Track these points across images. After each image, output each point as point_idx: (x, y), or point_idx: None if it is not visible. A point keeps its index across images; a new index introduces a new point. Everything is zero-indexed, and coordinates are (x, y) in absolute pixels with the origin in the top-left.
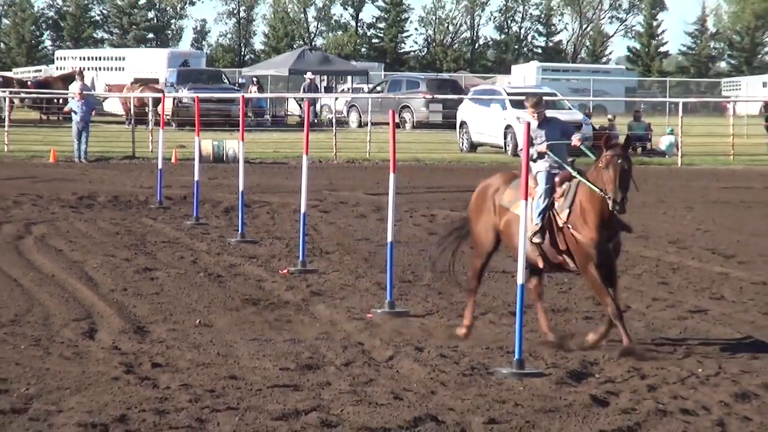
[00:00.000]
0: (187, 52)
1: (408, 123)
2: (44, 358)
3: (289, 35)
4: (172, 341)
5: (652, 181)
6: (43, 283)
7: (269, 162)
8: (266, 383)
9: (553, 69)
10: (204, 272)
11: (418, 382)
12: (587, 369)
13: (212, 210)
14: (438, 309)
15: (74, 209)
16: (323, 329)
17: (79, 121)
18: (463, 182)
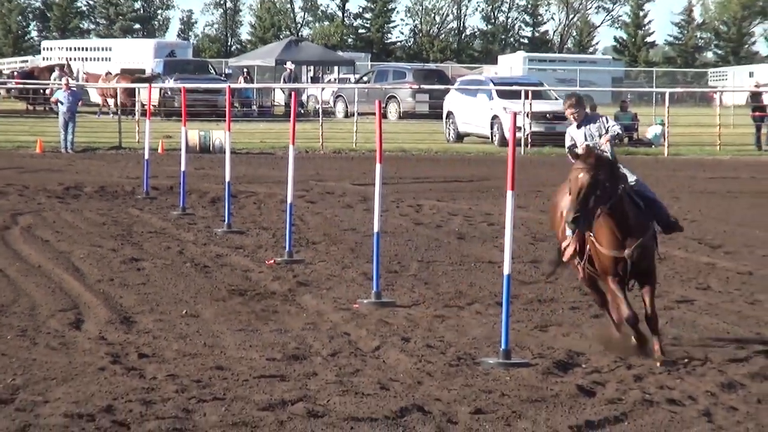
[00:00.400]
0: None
1: (394, 113)
2: (30, 349)
3: (276, 25)
4: (159, 332)
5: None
6: (29, 273)
7: (256, 152)
8: (253, 373)
9: (540, 59)
10: (190, 263)
11: (404, 372)
12: (573, 359)
13: (199, 200)
14: (424, 299)
15: (61, 200)
16: (310, 319)
17: (65, 112)
18: (449, 172)
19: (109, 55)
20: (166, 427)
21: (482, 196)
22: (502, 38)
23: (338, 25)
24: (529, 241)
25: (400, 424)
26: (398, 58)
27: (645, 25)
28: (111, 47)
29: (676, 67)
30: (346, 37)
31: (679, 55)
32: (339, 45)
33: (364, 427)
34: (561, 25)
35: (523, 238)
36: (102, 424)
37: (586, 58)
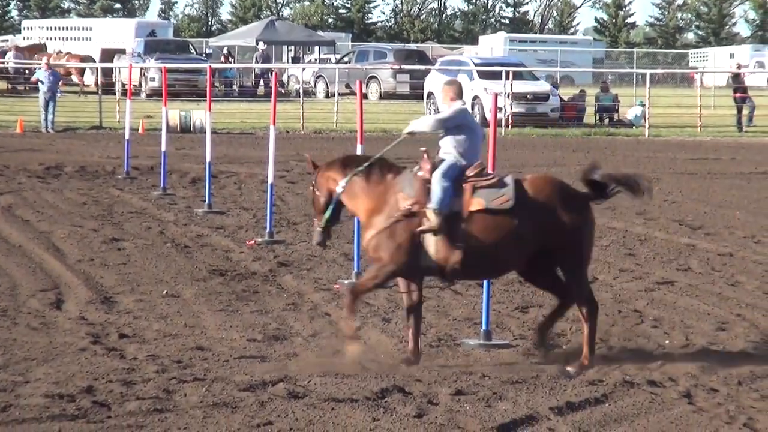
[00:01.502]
0: (154, 22)
1: (375, 93)
2: (11, 329)
3: (256, 5)
4: (139, 312)
5: (619, 152)
6: (9, 253)
7: (236, 132)
8: (233, 354)
9: (521, 40)
10: (171, 243)
11: (385, 353)
12: (554, 340)
13: (179, 180)
14: None
15: (41, 179)
16: (290, 300)
17: (46, 92)
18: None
19: (90, 35)
20: (146, 407)
21: None
22: (482, 19)
23: (319, 5)
24: None
25: (380, 405)
26: (379, 38)
27: (626, 6)
28: (91, 27)
29: (656, 48)
30: (327, 17)
31: (660, 36)
32: (319, 25)
33: (344, 407)
34: (542, 5)
35: None
36: (82, 404)
37: (566, 38)
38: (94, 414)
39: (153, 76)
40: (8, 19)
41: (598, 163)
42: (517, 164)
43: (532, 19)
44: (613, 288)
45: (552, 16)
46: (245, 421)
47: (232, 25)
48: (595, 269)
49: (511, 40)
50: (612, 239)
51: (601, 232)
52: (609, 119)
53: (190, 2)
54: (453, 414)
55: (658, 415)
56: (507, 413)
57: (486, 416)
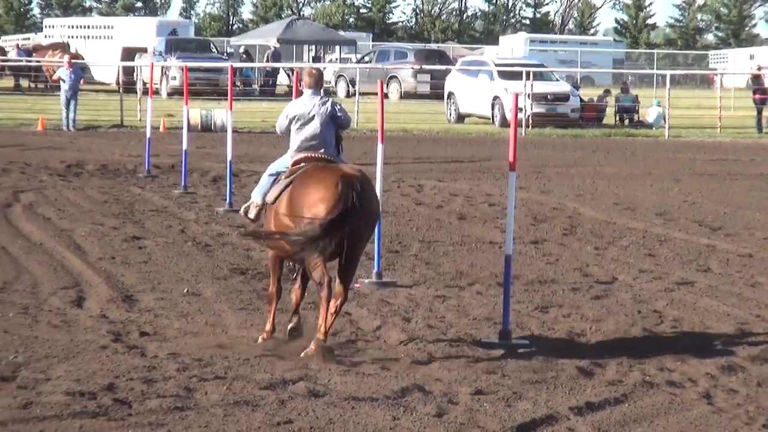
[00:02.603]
0: (176, 21)
1: (395, 93)
2: (32, 327)
3: (278, 4)
4: (160, 310)
5: (639, 153)
6: (31, 251)
7: (257, 131)
8: (254, 352)
9: (541, 40)
10: (192, 241)
11: (405, 352)
12: (574, 340)
13: (200, 179)
14: (425, 279)
15: (62, 177)
16: (311, 299)
17: (67, 90)
18: (450, 153)
19: (111, 34)
20: (167, 405)
21: (483, 177)
22: (503, 19)
23: (340, 4)
24: (530, 222)
25: (400, 404)
26: (400, 38)
27: (646, 7)
28: (113, 25)
29: (676, 49)
30: (348, 17)
31: (680, 37)
32: (341, 24)
33: (364, 406)
34: (562, 6)
35: (524, 218)
36: (103, 402)
37: (587, 39)
38: (114, 412)
39: (174, 75)
40: (30, 17)
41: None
42: (537, 164)
43: (552, 20)
44: (633, 288)
45: (572, 17)
46: (266, 420)
47: (253, 25)
48: (614, 270)
49: (532, 40)
50: (632, 240)
51: (621, 233)
52: (629, 120)
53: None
54: (473, 413)
55: (677, 416)
56: (527, 413)
57: (506, 416)
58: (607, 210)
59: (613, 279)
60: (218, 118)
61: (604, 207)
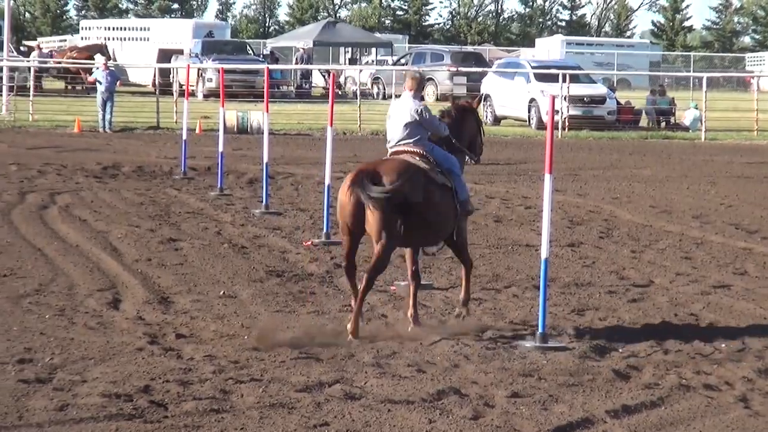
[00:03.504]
0: (212, 23)
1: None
2: (68, 328)
3: (314, 7)
4: (196, 312)
5: (675, 155)
6: (67, 253)
7: (293, 133)
8: (290, 355)
9: (578, 42)
10: (228, 243)
11: (441, 354)
12: (610, 343)
13: (236, 181)
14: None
15: (99, 179)
16: (347, 301)
17: (104, 92)
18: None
19: (147, 35)
20: (203, 407)
21: (519, 179)
22: (539, 21)
23: (376, 6)
24: (566, 225)
25: (436, 407)
26: (436, 40)
27: (683, 10)
28: (149, 27)
29: (713, 51)
30: (384, 19)
31: (717, 40)
32: (377, 27)
33: (400, 409)
34: (599, 8)
35: (561, 221)
36: (139, 404)
37: (623, 41)
38: (150, 414)
39: (210, 76)
40: (66, 19)
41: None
42: (573, 167)
43: (589, 22)
44: (670, 291)
45: (609, 19)
46: (302, 422)
47: (289, 27)
48: (651, 273)
49: (568, 42)
50: (668, 243)
51: (658, 236)
52: (665, 123)
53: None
54: (509, 416)
55: (714, 419)
56: (563, 416)
57: (542, 419)
58: (643, 213)
59: (650, 282)
60: (254, 120)
61: (641, 210)
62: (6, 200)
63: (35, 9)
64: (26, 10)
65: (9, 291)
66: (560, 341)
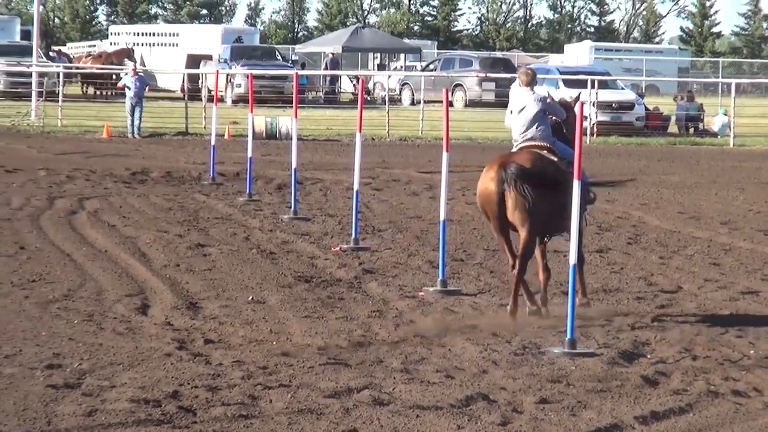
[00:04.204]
0: (241, 28)
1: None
2: (97, 334)
3: (343, 12)
4: (225, 318)
5: (704, 161)
6: (96, 258)
7: (322, 139)
8: (318, 360)
9: (606, 48)
10: (256, 249)
11: (469, 360)
12: (638, 349)
13: (265, 187)
14: (490, 288)
15: (127, 185)
16: (375, 307)
17: (132, 97)
18: None
19: (176, 41)
20: (231, 413)
21: None
22: (568, 27)
23: (405, 12)
24: (594, 231)
25: (465, 413)
26: (464, 46)
27: (711, 16)
28: (178, 33)
29: (742, 57)
30: (413, 25)
31: (746, 46)
32: (405, 32)
33: (429, 415)
34: (627, 14)
35: (589, 227)
36: (168, 409)
37: (652, 47)
38: (179, 419)
39: (239, 82)
40: (96, 24)
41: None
42: (602, 173)
43: (617, 28)
44: (698, 297)
45: (637, 25)
46: (330, 428)
47: (318, 32)
48: (679, 279)
49: (597, 48)
50: (696, 248)
51: (686, 242)
52: (694, 129)
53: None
54: (537, 422)
55: (742, 426)
56: (591, 422)
57: (570, 425)
58: (671, 219)
59: (678, 288)
60: (283, 125)
61: (669, 216)
62: (35, 205)
63: (64, 14)
64: (55, 16)
65: (38, 296)
66: (589, 347)
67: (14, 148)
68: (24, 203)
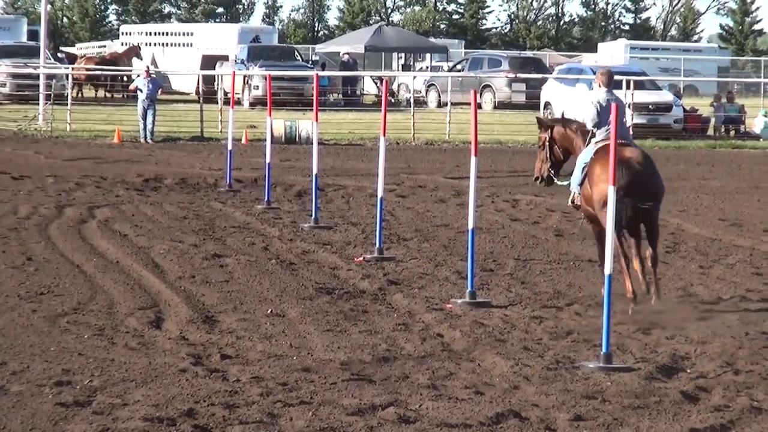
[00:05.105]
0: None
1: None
2: (108, 349)
3: (365, 10)
4: (243, 332)
5: (745, 165)
6: (107, 269)
7: (344, 143)
8: (341, 376)
9: (642, 47)
10: (276, 259)
11: (500, 376)
12: (678, 363)
13: (284, 194)
14: (521, 299)
15: (140, 192)
16: (401, 320)
17: (144, 100)
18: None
19: (191, 41)
20: None
21: None
22: (602, 25)
23: (430, 10)
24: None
25: (495, 431)
26: (493, 45)
27: (752, 12)
28: (192, 32)
29: None
30: (439, 23)
31: None
32: (431, 31)
33: None
34: (664, 11)
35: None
36: (183, 428)
37: (690, 46)
38: None
39: (257, 84)
40: (106, 24)
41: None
42: None
43: (654, 26)
44: (740, 309)
45: (675, 23)
46: None
47: (340, 31)
48: (720, 289)
49: (632, 47)
50: (738, 258)
51: (727, 250)
52: (735, 131)
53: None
54: None
55: None
56: None
57: None
58: (712, 226)
59: (719, 299)
60: (303, 129)
61: (709, 223)
62: (43, 214)
63: (73, 14)
64: (64, 15)
65: (46, 310)
66: (625, 361)
67: (21, 154)
68: (31, 212)
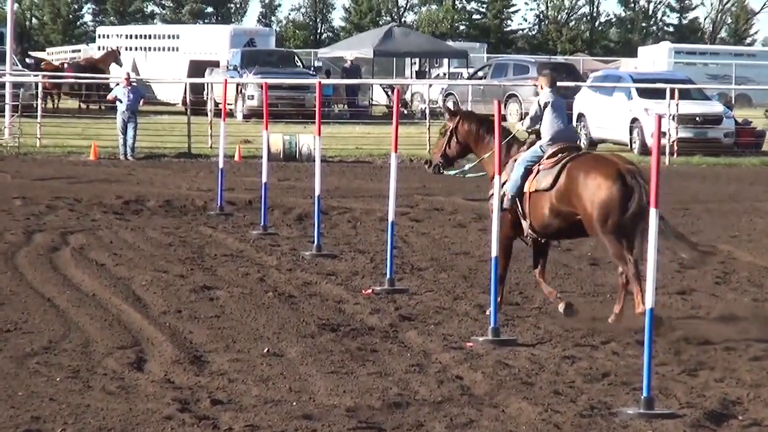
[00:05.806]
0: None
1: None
2: (84, 393)
3: (374, 10)
4: (236, 374)
5: None
6: (82, 303)
7: (350, 161)
8: (347, 425)
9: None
10: (273, 292)
11: (527, 424)
12: (728, 409)
13: (283, 218)
14: (551, 337)
15: (119, 216)
16: (414, 360)
17: (124, 111)
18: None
19: (176, 44)
20: None
21: None
22: (643, 26)
23: (448, 9)
24: (675, 269)
25: None
26: (520, 49)
27: None
28: (178, 35)
29: None
30: (458, 24)
31: None
32: (449, 33)
33: None
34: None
35: (669, 264)
36: None
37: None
38: None
39: (252, 93)
40: (80, 26)
41: None
42: (683, 199)
43: (701, 27)
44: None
45: (725, 24)
46: None
47: (346, 34)
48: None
49: (677, 51)
50: None
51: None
52: None
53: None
54: None
55: None
56: None
57: None
58: (767, 254)
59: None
60: (304, 144)
61: (764, 250)
62: (9, 241)
63: (43, 14)
64: (32, 15)
65: (13, 349)
66: (669, 407)
67: None
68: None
